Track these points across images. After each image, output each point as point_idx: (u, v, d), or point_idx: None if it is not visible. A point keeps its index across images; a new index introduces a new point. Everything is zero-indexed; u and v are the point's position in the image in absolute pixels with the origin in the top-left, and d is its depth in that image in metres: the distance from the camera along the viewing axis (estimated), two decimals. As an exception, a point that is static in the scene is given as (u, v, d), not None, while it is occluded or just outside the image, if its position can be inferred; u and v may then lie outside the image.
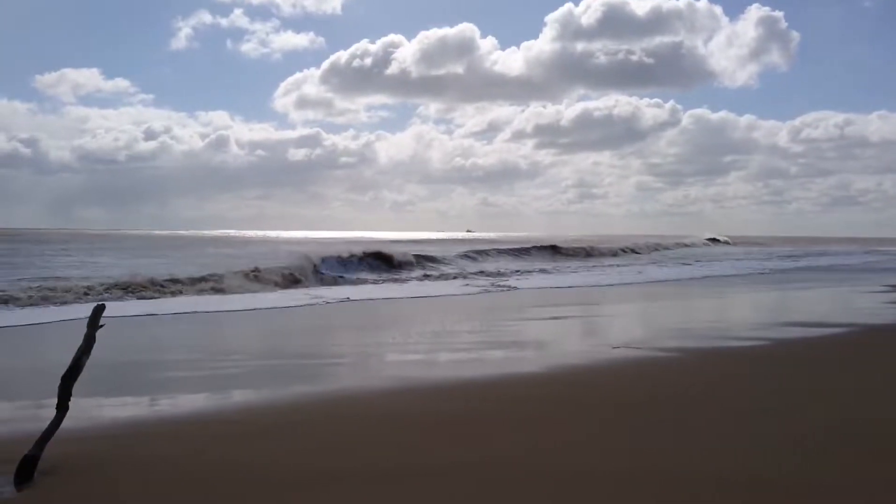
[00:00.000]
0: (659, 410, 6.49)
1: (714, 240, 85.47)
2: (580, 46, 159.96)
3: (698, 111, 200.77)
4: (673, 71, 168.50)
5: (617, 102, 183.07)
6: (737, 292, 22.61)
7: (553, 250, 45.38)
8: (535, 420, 6.19)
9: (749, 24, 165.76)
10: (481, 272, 30.20)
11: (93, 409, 6.65)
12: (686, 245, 70.59)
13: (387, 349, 11.13)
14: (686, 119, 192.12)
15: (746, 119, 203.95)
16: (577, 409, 6.64)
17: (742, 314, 17.16)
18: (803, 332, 11.92)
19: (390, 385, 7.93)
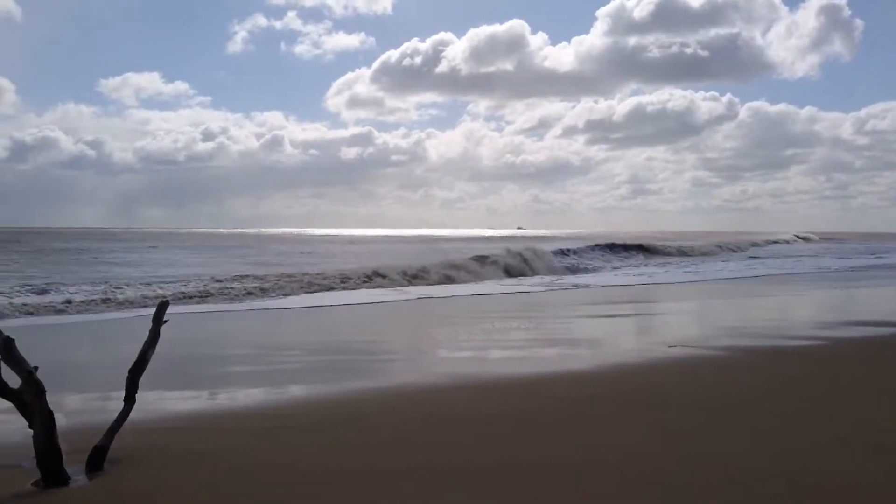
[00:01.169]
0: (719, 411, 6.33)
1: (803, 237, 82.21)
2: (633, 40, 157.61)
3: (756, 104, 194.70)
4: (729, 63, 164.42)
5: (671, 96, 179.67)
6: (824, 288, 22.10)
7: (640, 249, 43.99)
8: (598, 419, 6.13)
9: (810, 14, 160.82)
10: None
11: (168, 401, 6.89)
12: (776, 242, 67.55)
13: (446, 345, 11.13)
14: (743, 112, 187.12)
15: (807, 111, 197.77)
16: (641, 408, 6.53)
17: (815, 312, 16.64)
18: (874, 331, 11.48)
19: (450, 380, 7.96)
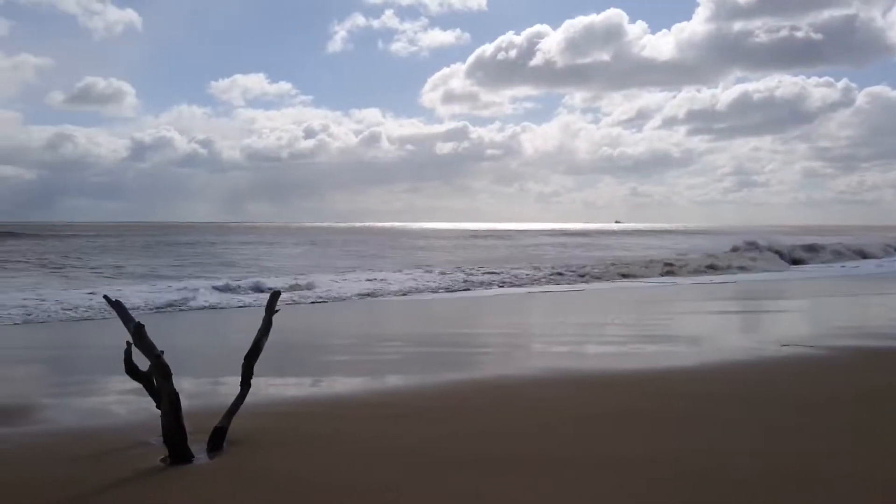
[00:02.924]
0: (832, 413, 6.02)
1: None
2: (737, 25, 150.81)
3: (876, 89, 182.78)
4: (845, 47, 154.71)
5: (780, 83, 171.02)
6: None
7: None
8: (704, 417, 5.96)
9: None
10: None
11: (279, 387, 7.24)
12: None
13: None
14: (861, 98, 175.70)
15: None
16: (747, 408, 6.30)
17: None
18: None
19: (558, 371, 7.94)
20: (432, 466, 4.72)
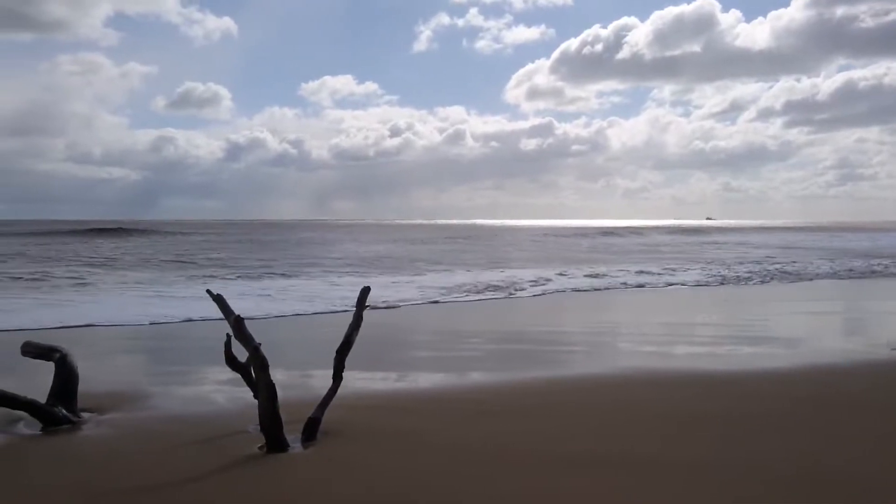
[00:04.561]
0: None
1: None
2: (840, 10, 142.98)
3: None
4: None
5: (888, 70, 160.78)
6: None
7: None
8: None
9: None
10: None
11: (368, 381, 7.43)
12: None
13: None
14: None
15: None
16: (847, 413, 5.99)
17: None
18: None
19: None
20: (513, 463, 4.72)
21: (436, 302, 15.87)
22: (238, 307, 5.45)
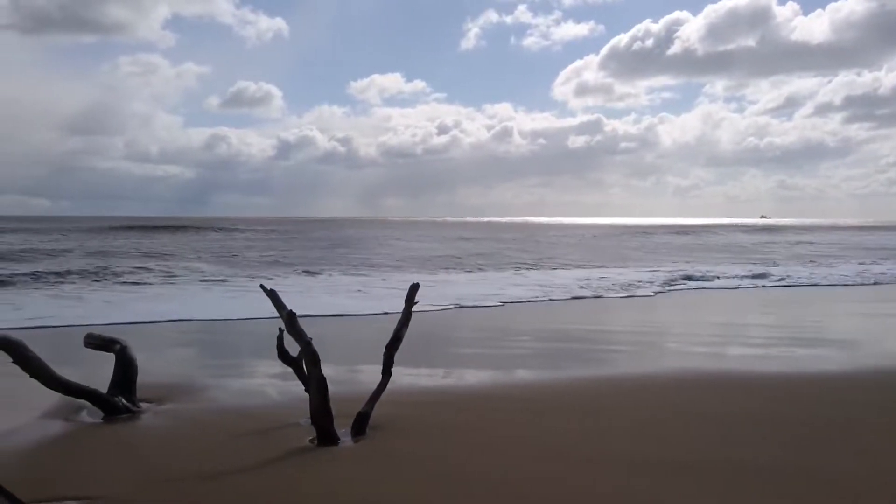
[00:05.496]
0: None
1: None
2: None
3: None
4: None
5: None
6: None
7: None
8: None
9: None
10: None
11: (414, 377, 7.49)
12: None
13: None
14: None
15: None
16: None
17: None
18: None
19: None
20: (560, 462, 4.71)
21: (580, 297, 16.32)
22: (292, 303, 5.55)
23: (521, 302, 15.49)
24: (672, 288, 18.69)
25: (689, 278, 21.16)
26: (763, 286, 19.59)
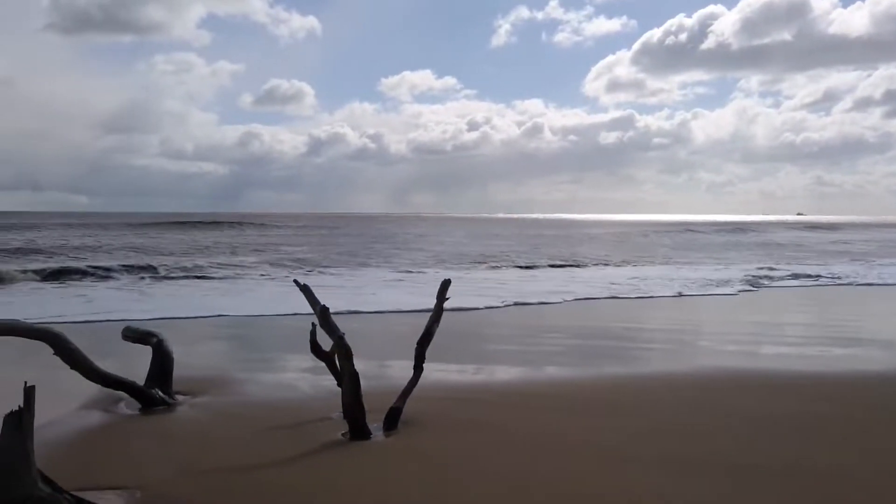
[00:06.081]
0: None
1: None
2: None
3: None
4: None
5: None
6: None
7: None
8: None
9: None
10: None
11: (438, 373, 7.48)
12: None
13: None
14: None
15: None
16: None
17: None
18: None
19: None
20: (593, 460, 4.68)
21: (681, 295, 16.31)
22: (325, 299, 5.59)
23: (591, 299, 15.44)
24: (754, 287, 18.19)
25: (769, 277, 20.64)
26: (852, 283, 19.14)
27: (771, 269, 23.33)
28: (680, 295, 16.32)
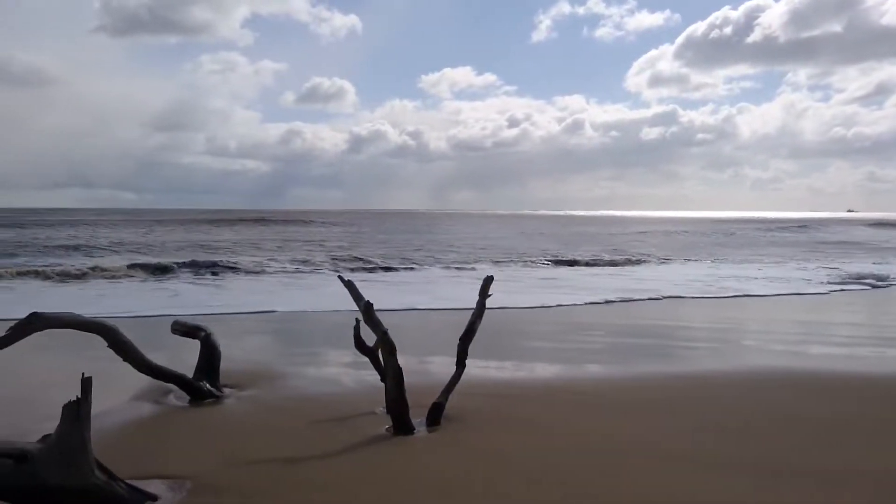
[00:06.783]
0: None
1: None
2: None
3: None
4: None
5: None
6: None
7: None
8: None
9: None
10: None
11: (478, 369, 7.48)
12: None
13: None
14: None
15: None
16: None
17: None
18: None
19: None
20: (628, 458, 4.63)
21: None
22: (370, 295, 5.62)
23: (683, 297, 15.31)
24: (847, 287, 17.66)
25: (860, 277, 19.89)
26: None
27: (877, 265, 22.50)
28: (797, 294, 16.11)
